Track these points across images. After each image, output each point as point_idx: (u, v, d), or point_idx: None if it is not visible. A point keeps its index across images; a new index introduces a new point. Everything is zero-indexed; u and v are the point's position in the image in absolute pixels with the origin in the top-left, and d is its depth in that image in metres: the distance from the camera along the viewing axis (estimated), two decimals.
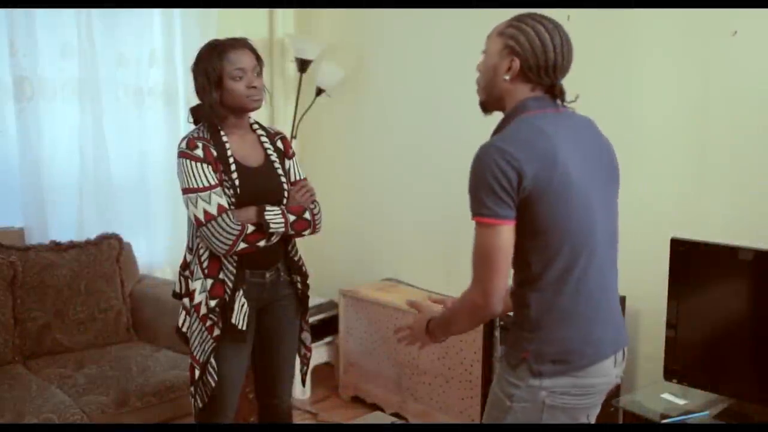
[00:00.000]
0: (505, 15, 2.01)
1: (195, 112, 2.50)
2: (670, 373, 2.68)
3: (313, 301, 4.17)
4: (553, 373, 1.76)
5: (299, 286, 2.63)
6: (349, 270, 4.32)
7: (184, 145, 2.36)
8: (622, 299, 2.99)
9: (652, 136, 3.00)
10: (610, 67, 3.09)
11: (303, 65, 4.19)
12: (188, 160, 2.33)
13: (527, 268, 1.77)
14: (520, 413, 1.79)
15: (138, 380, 2.98)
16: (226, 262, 2.39)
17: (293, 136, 4.35)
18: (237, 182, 2.37)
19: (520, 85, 1.81)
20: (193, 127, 2.48)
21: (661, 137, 2.97)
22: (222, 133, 2.41)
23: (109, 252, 3.43)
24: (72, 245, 3.36)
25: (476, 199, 1.70)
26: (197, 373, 2.43)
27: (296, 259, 2.62)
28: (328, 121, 4.38)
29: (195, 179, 2.32)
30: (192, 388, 2.47)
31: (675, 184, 2.95)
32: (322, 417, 3.80)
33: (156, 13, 3.79)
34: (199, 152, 2.34)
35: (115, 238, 3.49)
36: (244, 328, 2.43)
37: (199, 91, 2.40)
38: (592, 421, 1.91)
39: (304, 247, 4.58)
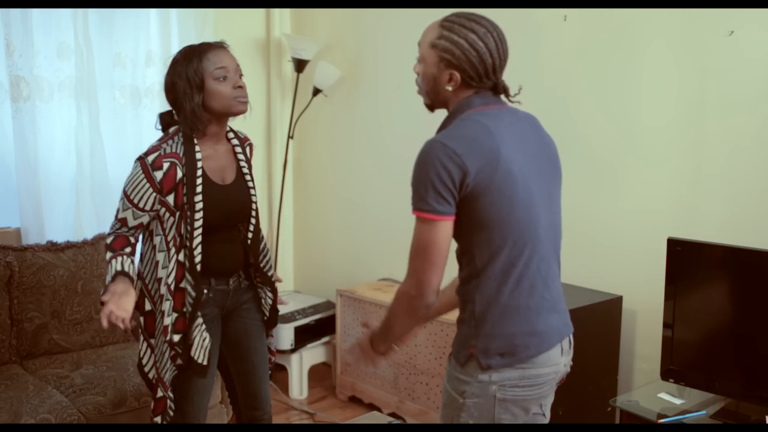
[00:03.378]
0: (501, 15, 2.02)
1: (164, 118, 2.39)
2: (667, 373, 2.69)
3: (309, 301, 4.22)
4: (501, 366, 1.79)
5: (268, 299, 2.56)
6: (346, 270, 4.32)
7: (150, 159, 2.26)
8: (619, 299, 3.01)
9: (648, 136, 3.00)
10: (606, 68, 3.09)
11: (300, 65, 4.18)
12: (143, 175, 2.25)
13: (471, 263, 1.80)
14: (473, 409, 1.82)
15: (135, 380, 2.98)
16: (188, 296, 2.34)
17: (290, 136, 4.35)
18: (199, 206, 2.29)
19: (464, 90, 1.84)
20: (161, 133, 2.38)
21: (657, 138, 2.98)
22: (197, 149, 2.30)
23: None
24: (69, 245, 3.35)
25: (417, 193, 1.73)
26: (160, 392, 2.39)
27: (266, 269, 2.53)
28: (325, 121, 4.38)
29: (135, 192, 2.27)
30: (159, 418, 2.41)
31: (672, 185, 2.96)
32: (319, 417, 3.80)
33: (152, 13, 3.79)
34: (159, 175, 2.25)
35: None
36: (205, 362, 2.37)
37: (180, 96, 2.26)
38: (547, 411, 1.95)
39: (301, 247, 4.61)
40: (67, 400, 2.80)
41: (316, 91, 4.18)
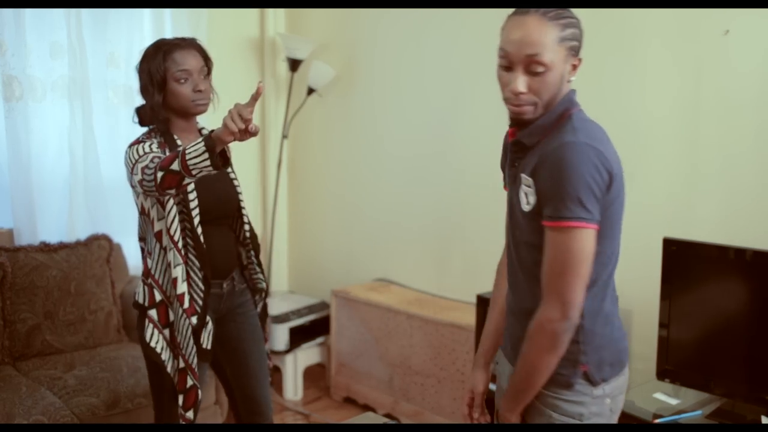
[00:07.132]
0: (496, 15, 2.01)
1: (140, 112, 2.39)
2: (662, 373, 2.69)
3: (304, 302, 4.21)
4: (611, 376, 1.73)
5: (256, 306, 2.55)
6: (341, 270, 4.31)
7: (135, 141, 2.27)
8: None
9: (644, 135, 3.00)
10: (602, 67, 3.08)
11: (294, 64, 4.18)
12: (136, 147, 2.22)
13: None
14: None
15: (128, 382, 2.97)
16: (195, 278, 2.31)
17: (284, 136, 4.34)
18: (191, 186, 2.28)
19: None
20: (139, 128, 2.39)
21: (653, 137, 2.98)
22: (176, 136, 2.33)
23: (99, 253, 3.40)
24: (62, 246, 3.33)
25: (575, 201, 1.53)
26: (189, 381, 2.33)
27: (253, 274, 2.53)
28: (320, 121, 4.37)
29: (139, 154, 2.19)
30: (191, 413, 2.34)
31: (667, 184, 2.95)
32: (314, 418, 3.79)
33: (146, 13, 3.77)
34: (154, 145, 2.25)
35: (105, 238, 3.47)
36: (209, 347, 2.35)
37: (142, 91, 2.30)
38: None
39: (296, 247, 4.60)
40: (61, 402, 2.79)
41: (311, 91, 4.17)
